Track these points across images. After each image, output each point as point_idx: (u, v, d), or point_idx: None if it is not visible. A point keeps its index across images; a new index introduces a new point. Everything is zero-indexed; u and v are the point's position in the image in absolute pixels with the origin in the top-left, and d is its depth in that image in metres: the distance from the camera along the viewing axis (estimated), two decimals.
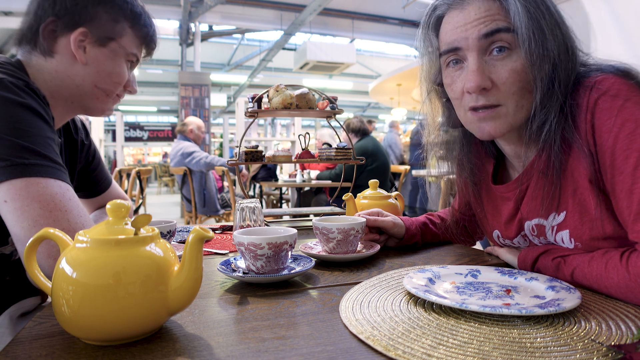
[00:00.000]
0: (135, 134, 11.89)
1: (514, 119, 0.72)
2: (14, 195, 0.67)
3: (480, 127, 0.74)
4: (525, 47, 0.67)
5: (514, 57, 0.69)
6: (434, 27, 0.78)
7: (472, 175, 0.90)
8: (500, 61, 0.70)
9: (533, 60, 0.67)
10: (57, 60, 0.86)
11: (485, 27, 0.69)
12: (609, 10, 3.97)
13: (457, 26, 0.72)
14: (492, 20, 0.69)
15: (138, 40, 0.92)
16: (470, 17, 0.70)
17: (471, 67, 0.70)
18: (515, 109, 0.71)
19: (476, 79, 0.69)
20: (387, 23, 9.60)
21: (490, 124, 0.73)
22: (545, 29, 0.68)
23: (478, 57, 0.70)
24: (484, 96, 0.71)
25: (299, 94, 1.19)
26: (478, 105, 0.72)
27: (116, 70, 0.90)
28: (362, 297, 0.63)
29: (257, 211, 0.94)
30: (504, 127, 0.73)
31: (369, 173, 3.62)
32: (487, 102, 0.71)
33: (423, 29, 0.80)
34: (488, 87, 0.70)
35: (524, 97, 0.71)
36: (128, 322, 0.47)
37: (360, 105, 18.58)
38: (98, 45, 0.87)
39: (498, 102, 0.71)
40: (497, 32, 0.69)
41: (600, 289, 0.64)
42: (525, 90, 0.70)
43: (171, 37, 9.55)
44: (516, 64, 0.69)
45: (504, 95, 0.70)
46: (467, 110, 0.75)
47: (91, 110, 0.94)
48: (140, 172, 3.90)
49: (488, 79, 0.70)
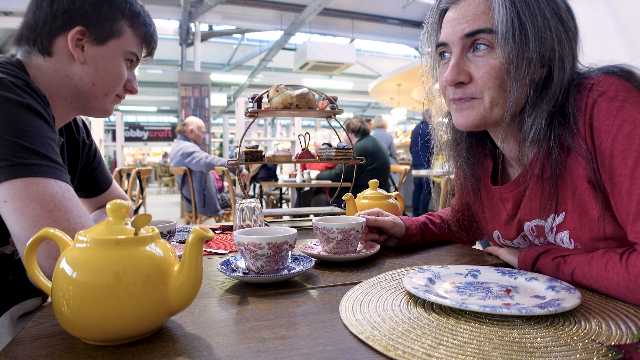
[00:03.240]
0: (135, 134, 11.89)
1: (487, 112, 0.74)
2: (14, 196, 0.67)
3: (456, 117, 0.78)
4: (501, 45, 0.69)
5: (493, 55, 0.71)
6: (438, 21, 0.81)
7: (472, 176, 0.91)
8: (480, 57, 0.72)
9: (510, 60, 0.69)
10: (55, 60, 0.86)
11: (468, 26, 0.72)
12: (609, 10, 3.97)
13: (448, 22, 0.76)
14: (476, 20, 0.71)
15: (137, 39, 0.92)
16: (459, 15, 0.73)
17: (451, 62, 0.74)
18: (490, 104, 0.73)
19: (452, 73, 0.73)
20: (387, 23, 9.61)
21: (464, 114, 0.76)
22: (529, 32, 0.68)
23: (460, 53, 0.73)
24: (461, 89, 0.75)
25: (299, 94, 1.19)
26: (455, 98, 0.76)
27: (115, 69, 0.90)
28: (362, 297, 0.63)
29: (257, 211, 0.94)
30: (476, 119, 0.75)
31: (369, 173, 3.62)
32: (463, 95, 0.75)
33: (428, 23, 0.83)
34: (466, 82, 0.73)
35: (500, 95, 0.72)
36: (128, 322, 0.47)
37: (360, 105, 18.58)
38: (96, 44, 0.86)
39: (473, 96, 0.74)
40: (478, 32, 0.71)
41: (600, 289, 0.65)
42: (502, 89, 0.71)
43: (171, 37, 9.56)
44: (495, 62, 0.70)
45: (479, 89, 0.73)
46: (450, 101, 0.78)
47: (91, 110, 0.93)
48: (140, 172, 3.90)
49: (466, 73, 0.73)
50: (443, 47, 0.77)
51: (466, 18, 0.72)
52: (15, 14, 7.62)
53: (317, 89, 1.29)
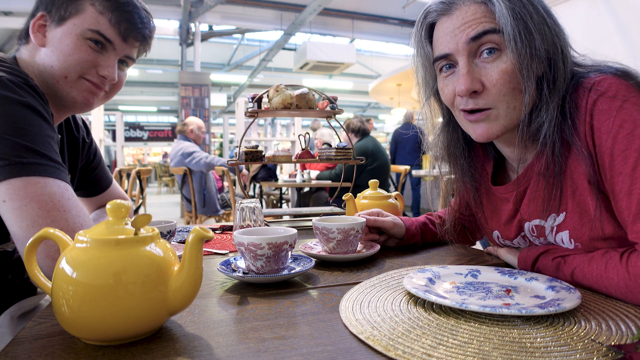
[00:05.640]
0: (135, 134, 11.89)
1: (506, 120, 0.72)
2: (13, 195, 0.67)
3: (474, 129, 0.75)
4: (512, 46, 0.68)
5: (503, 59, 0.70)
6: (426, 35, 0.79)
7: (471, 176, 0.90)
8: (490, 63, 0.70)
9: (521, 60, 0.68)
10: (28, 50, 0.87)
11: (472, 30, 0.70)
12: (609, 10, 3.97)
13: (446, 32, 0.73)
14: (479, 23, 0.70)
15: (103, 17, 0.85)
16: (458, 23, 0.72)
17: (461, 71, 0.71)
18: (507, 111, 0.72)
19: (466, 82, 0.70)
20: (387, 23, 9.61)
21: (483, 125, 0.74)
22: (532, 29, 0.68)
23: (468, 61, 0.71)
24: (474, 99, 0.72)
25: (299, 94, 1.19)
26: (467, 109, 0.73)
27: (70, 48, 0.84)
28: (362, 297, 0.63)
29: (257, 211, 0.94)
30: (497, 129, 0.73)
31: (369, 173, 3.62)
32: (476, 106, 0.72)
33: (416, 38, 0.81)
34: (479, 90, 0.71)
35: (515, 98, 0.71)
36: (128, 322, 0.47)
37: (360, 105, 18.58)
38: (55, 25, 0.85)
39: (487, 106, 0.72)
40: (484, 34, 0.70)
41: (600, 289, 0.65)
42: (517, 91, 0.70)
43: (171, 37, 9.56)
44: (506, 65, 0.69)
45: (494, 98, 0.71)
46: (460, 112, 0.76)
47: (71, 102, 0.89)
48: (140, 172, 3.90)
49: (478, 81, 0.71)
50: (444, 59, 0.75)
51: (468, 24, 0.71)
52: (15, 14, 7.62)
53: (317, 89, 1.29)
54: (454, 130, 0.88)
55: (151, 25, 0.94)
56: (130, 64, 0.97)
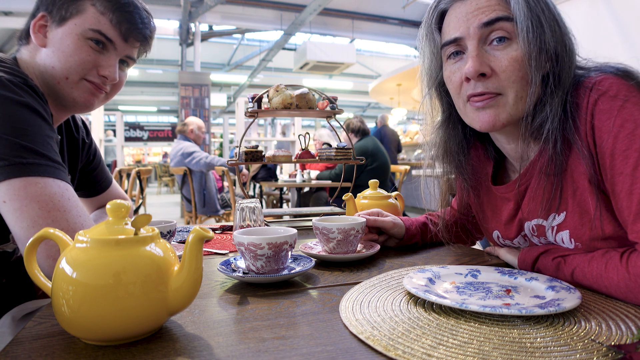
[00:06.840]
0: (135, 134, 11.88)
1: (513, 109, 0.72)
2: (13, 196, 0.67)
3: (479, 116, 0.74)
4: (523, 36, 0.68)
5: (514, 47, 0.70)
6: (437, 22, 0.79)
7: (471, 176, 0.90)
8: (500, 50, 0.71)
9: (531, 50, 0.68)
10: (29, 50, 0.87)
11: (485, 16, 0.70)
12: (609, 10, 3.97)
13: (459, 17, 0.73)
14: (492, 10, 0.70)
15: (104, 17, 0.85)
16: (471, 8, 0.72)
17: (471, 54, 0.71)
18: (515, 99, 0.71)
19: (475, 64, 0.70)
20: (387, 23, 9.60)
21: (490, 112, 0.72)
22: (544, 23, 0.69)
23: (478, 45, 0.71)
24: (483, 83, 0.71)
25: (299, 94, 1.19)
26: (477, 92, 0.72)
27: (71, 48, 0.84)
28: (362, 297, 0.63)
29: (257, 211, 0.94)
30: (504, 117, 0.72)
31: (369, 173, 3.62)
32: (486, 89, 0.71)
33: (426, 24, 0.81)
34: (488, 74, 0.71)
35: (523, 88, 0.71)
36: (128, 322, 0.47)
37: (360, 105, 18.58)
38: (56, 26, 0.85)
39: (497, 91, 0.71)
40: (497, 20, 0.70)
41: (600, 289, 0.64)
42: (524, 81, 0.70)
43: (171, 37, 9.55)
44: (517, 53, 0.69)
45: (504, 84, 0.71)
46: (466, 101, 0.75)
47: (72, 103, 0.89)
48: (140, 172, 3.89)
49: (487, 65, 0.71)
50: (454, 44, 0.74)
51: (481, 9, 0.71)
52: (15, 14, 7.62)
53: (317, 89, 1.29)
54: (453, 127, 0.88)
55: (152, 25, 0.94)
56: (131, 64, 0.97)
